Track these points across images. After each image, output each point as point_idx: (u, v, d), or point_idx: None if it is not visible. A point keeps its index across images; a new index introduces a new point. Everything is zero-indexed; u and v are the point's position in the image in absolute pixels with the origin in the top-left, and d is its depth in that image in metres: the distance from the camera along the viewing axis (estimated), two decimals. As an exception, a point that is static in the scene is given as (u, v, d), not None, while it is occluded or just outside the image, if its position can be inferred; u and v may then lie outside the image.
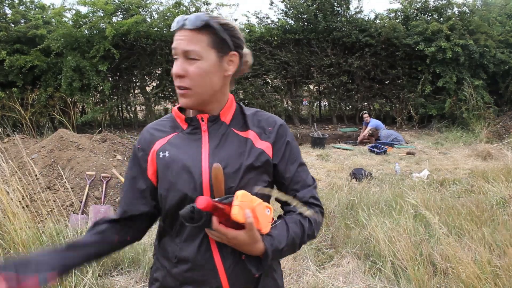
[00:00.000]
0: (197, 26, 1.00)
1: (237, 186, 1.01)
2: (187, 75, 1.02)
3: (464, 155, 7.54)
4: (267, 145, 1.09)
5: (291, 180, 1.11)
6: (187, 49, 1.01)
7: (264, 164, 1.07)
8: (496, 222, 3.20)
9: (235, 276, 1.04)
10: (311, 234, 1.09)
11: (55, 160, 4.67)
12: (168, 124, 1.14)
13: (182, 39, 1.01)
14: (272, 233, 1.01)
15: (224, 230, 0.95)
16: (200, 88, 1.04)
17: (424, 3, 11.05)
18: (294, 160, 1.12)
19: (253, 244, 0.97)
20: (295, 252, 1.21)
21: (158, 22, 9.66)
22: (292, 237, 1.03)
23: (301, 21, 10.88)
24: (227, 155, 1.04)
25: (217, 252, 1.04)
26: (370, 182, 5.28)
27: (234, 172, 1.02)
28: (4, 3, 9.52)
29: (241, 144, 1.07)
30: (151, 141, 1.12)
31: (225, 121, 1.10)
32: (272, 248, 0.99)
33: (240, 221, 0.91)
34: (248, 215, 0.92)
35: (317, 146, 8.51)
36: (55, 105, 9.12)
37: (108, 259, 2.98)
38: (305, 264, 3.05)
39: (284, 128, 1.14)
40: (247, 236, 0.95)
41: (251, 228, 0.94)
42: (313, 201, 1.12)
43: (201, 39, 1.01)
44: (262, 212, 0.98)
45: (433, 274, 2.68)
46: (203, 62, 1.02)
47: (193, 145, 1.07)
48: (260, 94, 10.64)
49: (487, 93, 10.43)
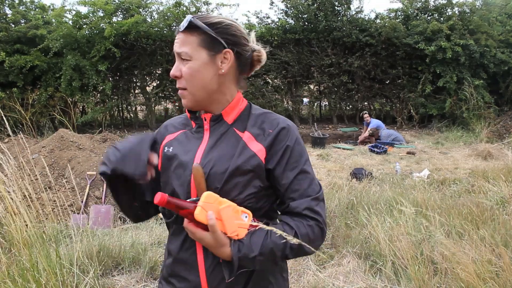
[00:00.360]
0: (185, 27, 1.04)
1: (221, 188, 0.99)
2: (182, 76, 1.05)
3: (464, 154, 7.54)
4: (260, 148, 1.03)
5: (287, 187, 1.03)
6: (179, 51, 1.04)
7: (255, 168, 1.01)
8: (497, 222, 3.20)
9: (214, 276, 1.03)
10: (297, 249, 0.99)
11: (55, 160, 4.68)
12: (182, 121, 1.18)
13: (176, 42, 1.06)
14: (243, 239, 0.97)
15: (192, 229, 0.95)
16: (194, 87, 1.05)
17: (424, 2, 11.06)
18: (293, 166, 1.03)
19: (219, 248, 0.95)
20: (277, 264, 1.12)
21: (158, 22, 9.66)
22: (269, 247, 0.97)
23: (302, 21, 10.89)
24: (218, 155, 1.03)
25: (200, 250, 1.04)
26: (371, 181, 5.29)
27: (221, 174, 1.00)
28: (4, 4, 9.53)
29: (235, 145, 1.05)
30: (163, 135, 1.17)
31: (228, 120, 1.09)
32: (239, 254, 0.95)
33: (202, 221, 0.92)
34: (210, 216, 0.91)
35: (318, 146, 8.52)
36: (56, 105, 9.13)
37: (109, 258, 2.99)
38: (305, 264, 3.06)
39: (287, 132, 1.05)
40: (212, 238, 0.94)
41: (214, 230, 0.92)
42: (308, 213, 1.02)
43: (191, 40, 1.03)
44: (231, 215, 0.95)
45: (433, 273, 2.68)
46: (194, 62, 1.04)
47: (194, 143, 1.09)
48: (260, 94, 10.64)
49: (487, 93, 10.43)
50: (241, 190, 1.01)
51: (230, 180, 1.00)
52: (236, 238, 0.96)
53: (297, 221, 1.02)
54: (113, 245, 3.07)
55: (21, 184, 2.65)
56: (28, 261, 2.28)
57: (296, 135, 1.07)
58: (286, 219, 1.03)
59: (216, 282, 1.03)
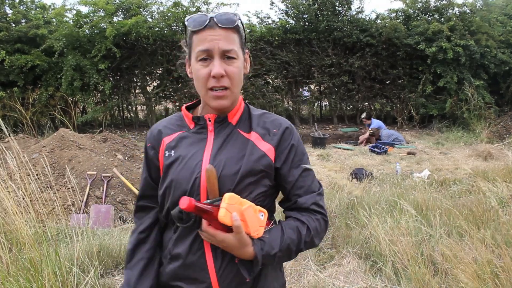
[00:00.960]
0: (232, 25, 1.00)
1: (234, 189, 1.00)
2: (227, 75, 1.00)
3: (464, 155, 7.54)
4: (269, 148, 1.06)
5: (293, 184, 1.07)
6: (228, 48, 0.99)
7: (265, 168, 1.04)
8: (497, 222, 3.19)
9: (225, 277, 1.03)
10: (310, 242, 1.05)
11: (56, 159, 4.68)
12: (176, 122, 1.14)
13: (218, 38, 0.98)
14: (264, 237, 0.99)
15: (212, 232, 0.94)
16: (237, 88, 1.04)
17: (425, 3, 11.05)
18: (298, 164, 1.08)
19: (242, 248, 0.96)
20: (292, 259, 1.15)
21: (159, 22, 9.67)
22: (287, 243, 1.01)
23: (302, 21, 10.88)
24: (227, 157, 1.03)
25: (209, 251, 1.03)
26: (371, 182, 5.29)
27: (232, 175, 1.01)
28: (5, 3, 9.53)
29: (243, 146, 1.05)
30: (159, 138, 1.12)
31: (232, 121, 1.09)
32: (263, 253, 0.97)
33: (227, 223, 0.91)
34: (235, 218, 0.91)
35: (318, 146, 8.52)
36: (56, 104, 9.13)
37: (109, 258, 2.99)
38: (305, 264, 3.06)
39: (290, 131, 1.10)
40: (235, 239, 0.94)
41: (239, 231, 0.92)
42: (315, 208, 1.08)
43: (235, 38, 1.02)
44: (252, 215, 0.96)
45: (433, 274, 2.68)
46: (239, 61, 1.02)
47: (198, 145, 1.07)
48: (261, 94, 10.64)
49: (488, 93, 10.42)
50: (252, 189, 1.02)
51: (242, 181, 1.01)
52: (256, 237, 0.98)
53: (306, 216, 1.07)
54: (113, 245, 3.07)
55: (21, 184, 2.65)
56: (28, 261, 2.29)
57: (297, 135, 1.12)
58: (296, 214, 1.07)
59: (226, 282, 1.03)
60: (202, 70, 1.00)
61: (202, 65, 1.00)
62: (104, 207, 4.02)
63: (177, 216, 0.92)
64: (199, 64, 1.00)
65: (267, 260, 0.99)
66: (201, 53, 0.99)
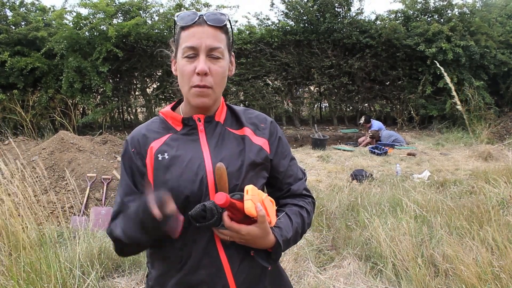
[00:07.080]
0: (220, 24, 1.00)
1: (241, 184, 1.02)
2: (211, 74, 1.00)
3: (465, 156, 7.53)
4: (263, 141, 1.11)
5: (284, 174, 1.15)
6: (215, 46, 0.99)
7: (264, 161, 1.09)
8: (497, 223, 3.19)
9: (241, 274, 1.04)
10: (309, 223, 1.15)
11: (55, 162, 4.68)
12: (160, 125, 1.11)
13: (205, 36, 0.98)
14: (279, 224, 1.04)
15: (237, 226, 0.94)
16: (219, 87, 1.05)
17: (424, 4, 11.06)
18: (285, 155, 1.16)
19: (266, 237, 0.98)
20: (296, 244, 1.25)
21: (159, 24, 9.68)
22: (295, 227, 1.07)
23: (302, 22, 10.90)
24: (227, 154, 1.05)
25: (222, 251, 1.03)
26: (371, 183, 5.28)
27: (237, 170, 1.03)
28: (5, 6, 9.54)
29: (238, 142, 1.08)
30: (145, 143, 1.06)
31: (220, 120, 1.11)
32: (282, 238, 1.01)
33: (253, 214, 0.92)
34: (259, 208, 0.93)
35: (318, 147, 8.51)
36: (56, 107, 9.13)
37: (109, 261, 2.99)
38: (306, 265, 3.05)
39: (274, 125, 1.17)
40: (260, 230, 0.96)
41: (263, 221, 0.94)
42: (306, 193, 1.18)
43: (223, 38, 1.02)
44: (270, 204, 1.01)
45: (434, 275, 2.68)
46: (224, 61, 1.02)
47: (192, 146, 1.06)
48: (260, 95, 10.64)
49: (487, 94, 10.43)
50: (254, 182, 1.05)
51: (246, 175, 1.04)
52: (272, 225, 1.02)
53: (300, 200, 1.15)
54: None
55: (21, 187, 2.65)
56: (28, 263, 2.28)
57: (279, 127, 1.20)
58: (292, 201, 1.15)
59: (241, 280, 1.05)
60: (187, 67, 1.00)
61: (187, 61, 1.00)
62: (104, 209, 4.02)
63: (200, 215, 0.90)
64: (184, 61, 1.00)
65: (285, 245, 1.03)
66: (188, 49, 0.99)
